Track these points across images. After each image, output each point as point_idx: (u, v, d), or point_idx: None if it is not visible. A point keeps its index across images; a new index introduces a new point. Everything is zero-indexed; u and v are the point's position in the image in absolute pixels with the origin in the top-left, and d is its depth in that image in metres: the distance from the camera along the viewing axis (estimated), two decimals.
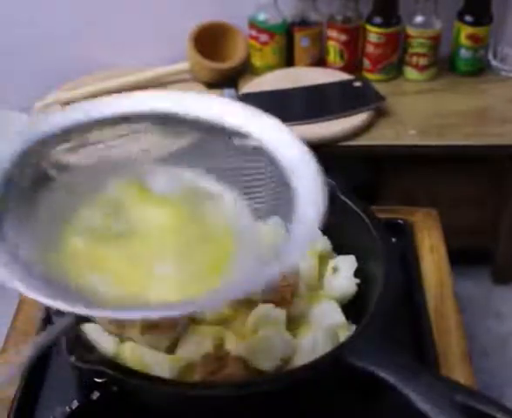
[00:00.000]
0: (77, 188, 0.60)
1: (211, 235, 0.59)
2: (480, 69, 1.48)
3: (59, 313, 0.51)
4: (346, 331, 0.65)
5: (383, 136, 1.30)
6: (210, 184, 0.62)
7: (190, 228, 0.59)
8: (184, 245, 0.58)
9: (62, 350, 0.59)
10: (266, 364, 0.62)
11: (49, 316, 0.67)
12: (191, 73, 1.46)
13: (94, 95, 1.41)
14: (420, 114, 1.36)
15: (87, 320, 0.62)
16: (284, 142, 0.58)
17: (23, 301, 0.80)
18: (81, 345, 0.61)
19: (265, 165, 0.59)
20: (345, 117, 1.30)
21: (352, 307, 0.70)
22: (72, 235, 0.57)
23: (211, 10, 1.48)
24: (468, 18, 1.42)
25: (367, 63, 1.46)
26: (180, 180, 0.63)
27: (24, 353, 0.45)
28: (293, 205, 0.55)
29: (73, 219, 0.58)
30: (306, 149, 0.57)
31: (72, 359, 0.58)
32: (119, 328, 0.65)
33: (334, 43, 1.44)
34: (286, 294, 0.67)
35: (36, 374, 0.71)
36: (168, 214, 0.60)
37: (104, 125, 0.61)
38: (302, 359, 0.62)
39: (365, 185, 1.29)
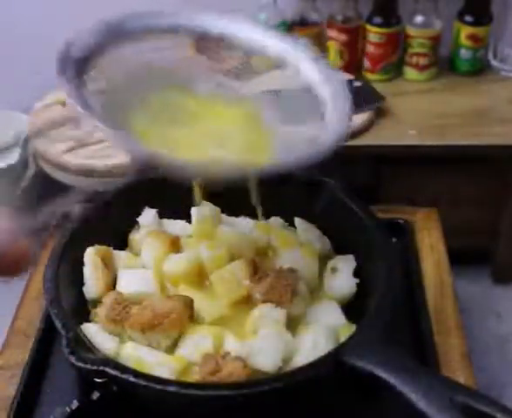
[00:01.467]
0: (137, 83, 0.65)
1: (255, 129, 0.64)
2: (480, 69, 1.48)
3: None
4: (346, 331, 0.65)
5: (383, 136, 1.30)
6: (249, 93, 0.70)
7: (236, 121, 0.65)
8: (235, 131, 0.63)
9: (62, 350, 0.60)
10: (266, 364, 0.62)
11: (49, 317, 0.67)
12: None
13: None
14: (420, 114, 1.36)
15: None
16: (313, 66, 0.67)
17: (23, 301, 0.80)
18: (81, 345, 0.61)
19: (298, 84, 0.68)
20: None
21: (352, 307, 0.70)
22: (139, 115, 0.61)
23: (211, 9, 1.48)
24: (468, 18, 1.42)
25: (367, 63, 1.46)
26: (224, 88, 0.68)
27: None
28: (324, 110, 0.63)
29: (138, 103, 0.62)
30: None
31: (72, 359, 0.58)
32: (119, 326, 0.65)
33: (334, 43, 1.44)
34: (286, 294, 0.67)
35: (36, 374, 0.71)
36: (215, 109, 0.65)
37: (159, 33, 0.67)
38: (302, 359, 0.62)
39: (365, 185, 1.29)
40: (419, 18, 1.42)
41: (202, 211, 0.77)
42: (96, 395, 0.60)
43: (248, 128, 0.64)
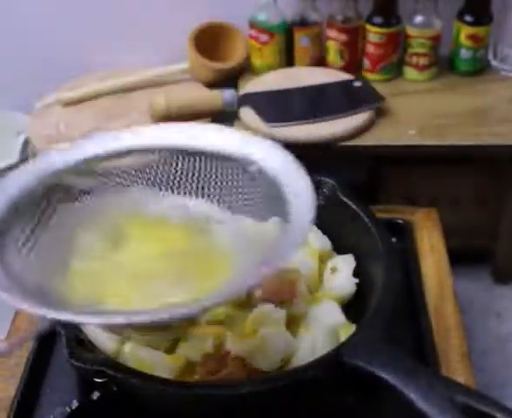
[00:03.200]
0: (82, 214, 0.63)
1: (208, 254, 0.62)
2: (480, 69, 1.48)
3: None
4: (346, 331, 0.65)
5: (383, 136, 1.30)
6: (208, 207, 0.66)
7: (187, 249, 0.62)
8: (181, 264, 0.60)
9: (62, 350, 0.60)
10: (266, 364, 0.62)
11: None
12: (191, 73, 1.46)
13: (94, 95, 1.41)
14: (420, 114, 1.36)
15: None
16: (276, 159, 0.61)
17: None
18: (81, 345, 0.61)
19: (259, 183, 0.63)
20: (345, 117, 1.29)
21: (352, 307, 0.70)
22: (75, 258, 0.59)
23: (211, 10, 1.48)
24: (468, 18, 1.42)
25: (366, 63, 1.46)
26: (180, 206, 0.66)
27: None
28: (287, 209, 0.58)
29: (76, 242, 0.61)
30: (292, 159, 0.60)
31: (72, 359, 0.58)
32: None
33: (334, 43, 1.44)
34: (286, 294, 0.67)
35: (36, 374, 0.71)
36: (167, 237, 0.63)
37: (113, 158, 0.65)
38: (302, 359, 0.62)
39: (365, 185, 1.29)
40: (419, 18, 1.42)
41: None
42: (96, 395, 0.60)
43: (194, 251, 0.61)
